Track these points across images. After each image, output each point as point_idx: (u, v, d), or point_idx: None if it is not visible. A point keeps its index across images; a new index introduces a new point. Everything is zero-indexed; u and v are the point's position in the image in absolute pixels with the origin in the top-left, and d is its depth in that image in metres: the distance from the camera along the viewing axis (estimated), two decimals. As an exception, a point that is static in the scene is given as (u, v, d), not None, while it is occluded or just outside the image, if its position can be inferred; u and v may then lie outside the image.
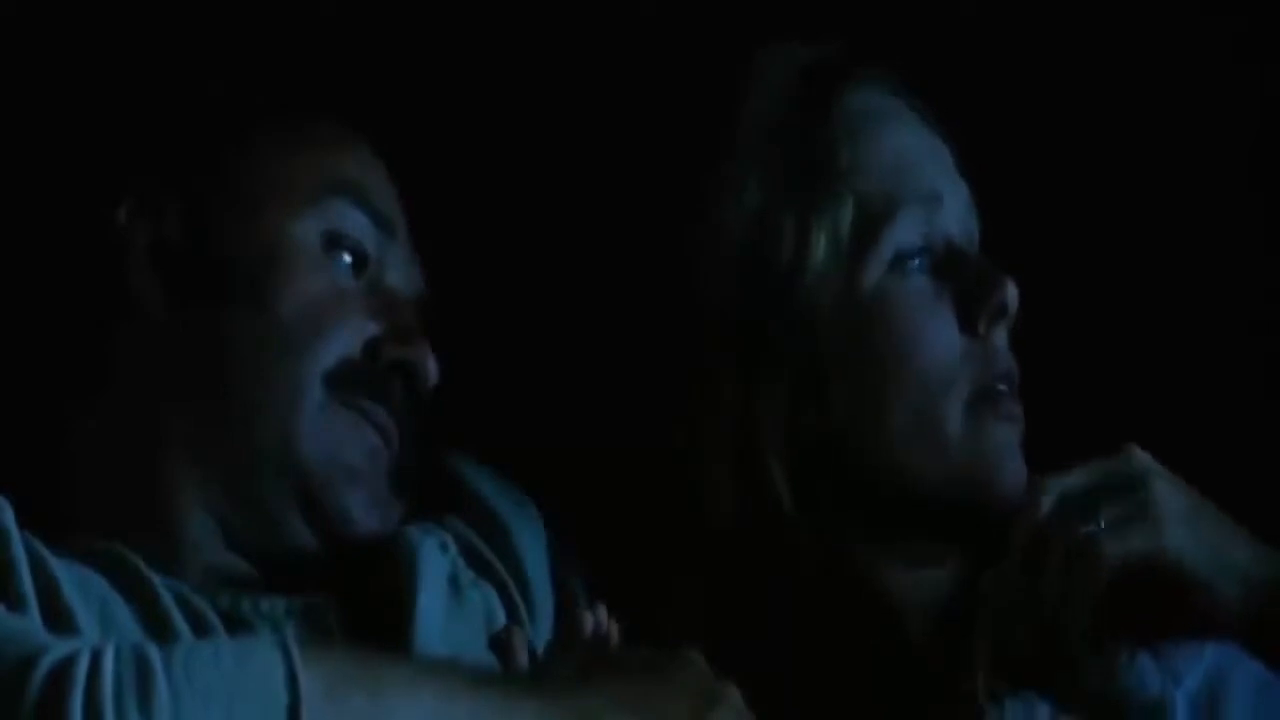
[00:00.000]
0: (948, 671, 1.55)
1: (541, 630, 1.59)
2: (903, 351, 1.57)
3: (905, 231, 1.59)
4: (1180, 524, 1.50)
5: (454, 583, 1.55)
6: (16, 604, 1.35)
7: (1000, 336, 1.60)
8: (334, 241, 1.59)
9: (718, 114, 1.63)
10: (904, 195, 1.59)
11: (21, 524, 1.40)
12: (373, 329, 1.58)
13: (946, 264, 1.59)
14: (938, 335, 1.58)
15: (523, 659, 1.42)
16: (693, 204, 1.61)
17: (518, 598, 1.60)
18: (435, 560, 1.55)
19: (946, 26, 1.85)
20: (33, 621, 1.34)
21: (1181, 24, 1.86)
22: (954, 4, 1.87)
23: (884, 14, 1.82)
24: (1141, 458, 1.52)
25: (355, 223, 1.60)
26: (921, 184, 1.60)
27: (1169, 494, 1.50)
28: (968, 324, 1.58)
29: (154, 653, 1.23)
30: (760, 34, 1.68)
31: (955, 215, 1.62)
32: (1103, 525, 1.48)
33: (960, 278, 1.59)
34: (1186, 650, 1.55)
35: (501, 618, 1.57)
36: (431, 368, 1.59)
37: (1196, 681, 1.54)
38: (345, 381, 1.55)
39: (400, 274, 1.62)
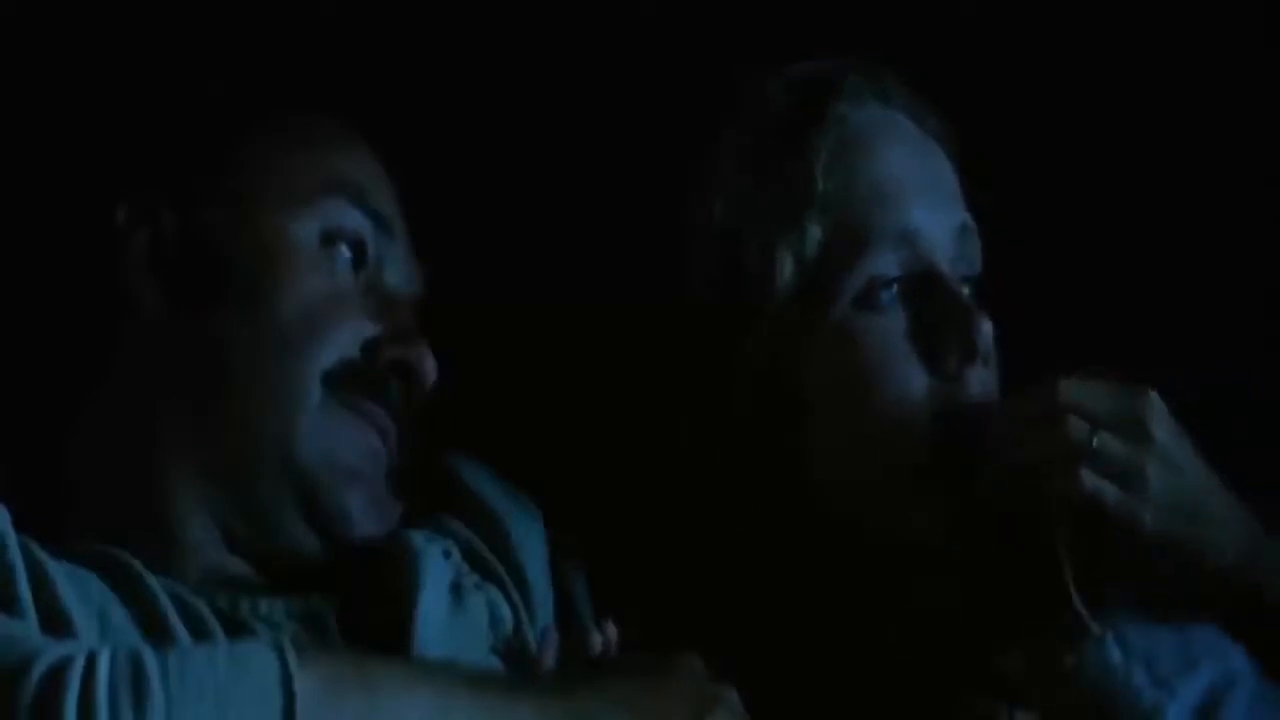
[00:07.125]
0: (946, 676, 1.55)
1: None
2: (863, 390, 1.53)
3: (876, 265, 1.54)
4: (1168, 506, 1.46)
5: (456, 588, 1.55)
6: (14, 608, 1.35)
7: (975, 376, 1.54)
8: (332, 238, 1.58)
9: (711, 126, 1.61)
10: (878, 228, 1.55)
11: (19, 526, 1.39)
12: (371, 329, 1.58)
13: (921, 297, 1.55)
14: (899, 375, 1.53)
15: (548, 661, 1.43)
16: (689, 211, 1.61)
17: (517, 599, 1.60)
18: (438, 565, 1.54)
19: (946, 26, 1.85)
20: (30, 625, 1.34)
21: (1181, 24, 1.86)
22: (954, 4, 1.87)
23: (883, 14, 1.81)
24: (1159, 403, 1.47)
25: (353, 222, 1.59)
26: (898, 217, 1.56)
27: (1174, 444, 1.46)
28: (935, 364, 1.54)
29: (149, 656, 1.23)
30: (758, 34, 1.69)
31: (940, 243, 1.57)
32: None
33: (932, 314, 1.55)
34: (1181, 665, 1.53)
35: (507, 618, 1.57)
36: (430, 368, 1.59)
37: (1194, 698, 1.52)
38: (344, 382, 1.55)
39: (398, 273, 1.62)
